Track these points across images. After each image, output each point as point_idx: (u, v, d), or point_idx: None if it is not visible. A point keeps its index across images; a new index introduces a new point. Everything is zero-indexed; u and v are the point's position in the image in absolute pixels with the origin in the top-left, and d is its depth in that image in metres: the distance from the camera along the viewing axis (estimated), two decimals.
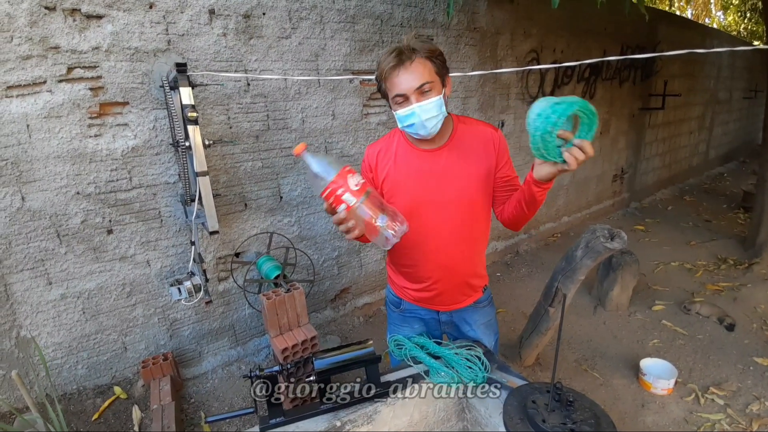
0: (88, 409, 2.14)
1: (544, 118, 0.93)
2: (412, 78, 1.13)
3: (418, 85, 1.14)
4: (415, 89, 1.14)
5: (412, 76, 1.13)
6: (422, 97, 1.15)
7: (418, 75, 1.13)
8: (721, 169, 8.35)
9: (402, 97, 1.16)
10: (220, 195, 2.37)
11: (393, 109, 1.22)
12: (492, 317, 1.54)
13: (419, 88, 1.14)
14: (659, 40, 5.30)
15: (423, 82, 1.14)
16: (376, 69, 1.20)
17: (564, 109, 0.92)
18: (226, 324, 2.62)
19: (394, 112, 1.21)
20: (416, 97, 1.15)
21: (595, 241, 2.02)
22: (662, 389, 2.37)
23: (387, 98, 1.23)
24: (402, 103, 1.18)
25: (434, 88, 1.16)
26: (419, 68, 1.14)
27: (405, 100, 1.16)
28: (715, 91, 7.44)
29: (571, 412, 1.03)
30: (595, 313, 3.22)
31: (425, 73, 1.14)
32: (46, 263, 2.01)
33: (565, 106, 0.92)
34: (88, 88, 1.92)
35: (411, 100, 1.15)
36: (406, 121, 1.19)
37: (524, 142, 4.06)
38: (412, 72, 1.13)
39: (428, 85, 1.15)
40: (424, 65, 1.14)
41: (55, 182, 1.94)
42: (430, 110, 1.16)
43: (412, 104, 1.16)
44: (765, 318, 3.05)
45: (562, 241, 4.65)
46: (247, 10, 2.25)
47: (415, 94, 1.15)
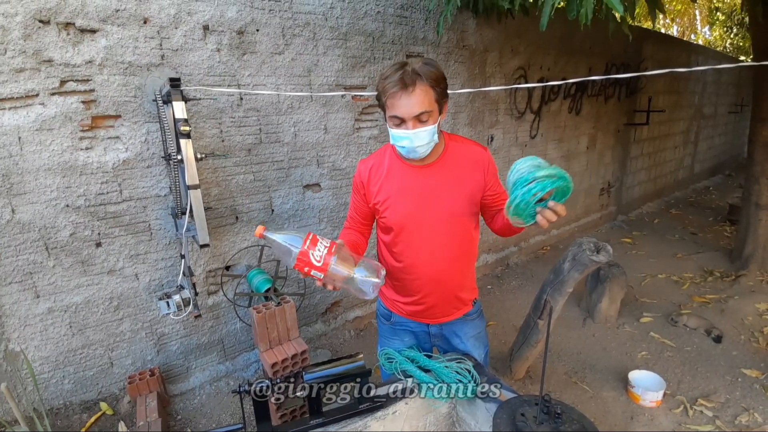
0: (74, 425, 2.10)
1: (526, 190, 0.98)
2: (412, 105, 1.16)
3: (417, 113, 1.16)
4: (413, 116, 1.17)
5: (411, 102, 1.16)
6: (419, 125, 1.18)
7: (419, 103, 1.16)
8: (706, 182, 8.52)
9: (399, 120, 1.19)
10: (212, 208, 2.37)
11: (388, 124, 1.25)
12: (482, 330, 1.55)
13: (417, 116, 1.17)
14: (644, 57, 5.45)
15: (422, 111, 1.16)
16: (378, 82, 1.22)
17: (545, 185, 0.97)
18: (215, 338, 2.59)
19: (389, 128, 1.24)
20: (413, 123, 1.18)
21: (582, 254, 2.05)
22: (651, 401, 2.39)
23: (384, 111, 1.25)
24: (399, 125, 1.20)
25: (432, 116, 1.19)
26: (420, 96, 1.16)
27: (402, 123, 1.19)
28: (700, 107, 7.63)
29: (560, 425, 1.05)
30: (584, 325, 3.25)
31: (425, 101, 1.17)
32: (35, 276, 1.99)
33: (546, 182, 0.97)
34: (81, 101, 1.93)
35: (408, 125, 1.18)
36: (399, 141, 1.22)
37: (513, 156, 4.13)
38: (412, 98, 1.15)
39: (426, 114, 1.17)
40: (425, 93, 1.16)
41: (45, 195, 1.93)
42: (423, 138, 1.20)
43: (408, 129, 1.18)
44: (753, 330, 3.09)
45: (551, 253, 4.70)
46: (241, 27, 2.28)
47: (412, 120, 1.17)
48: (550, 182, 0.97)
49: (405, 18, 2.96)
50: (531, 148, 4.29)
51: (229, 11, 2.22)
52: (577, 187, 5.11)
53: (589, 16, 1.72)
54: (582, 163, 5.05)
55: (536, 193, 0.97)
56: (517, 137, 4.11)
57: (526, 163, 1.00)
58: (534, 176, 0.97)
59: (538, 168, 0.98)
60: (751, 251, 3.98)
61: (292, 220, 2.73)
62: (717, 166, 9.17)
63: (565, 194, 1.02)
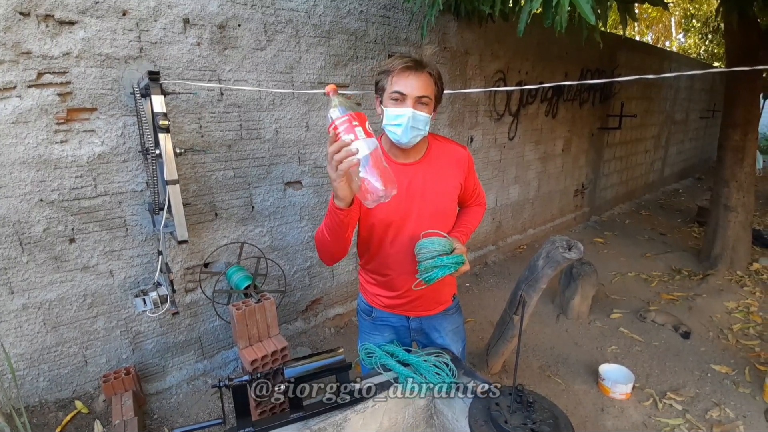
0: (50, 423, 2.05)
1: (428, 277, 1.25)
2: (419, 85, 1.21)
3: (420, 94, 1.21)
4: (416, 96, 1.21)
5: (418, 82, 1.21)
6: (418, 106, 1.22)
7: (424, 85, 1.22)
8: (676, 185, 8.85)
9: (402, 96, 1.21)
10: (190, 204, 2.35)
11: (384, 105, 1.26)
12: (460, 324, 1.59)
13: (420, 98, 1.22)
14: (618, 64, 5.63)
15: (425, 94, 1.22)
16: (385, 64, 1.26)
17: (439, 273, 1.23)
18: (192, 336, 2.56)
19: (385, 108, 1.25)
20: (413, 103, 1.21)
21: (555, 252, 2.12)
22: (620, 394, 2.48)
23: (381, 93, 1.27)
24: (398, 102, 1.22)
25: (430, 104, 1.25)
26: (426, 81, 1.22)
27: (402, 100, 1.21)
28: (672, 112, 7.91)
29: (532, 413, 1.09)
30: (557, 321, 3.35)
31: (429, 87, 1.23)
32: (9, 272, 1.93)
33: (442, 270, 1.23)
34: (57, 94, 1.88)
35: (407, 103, 1.21)
36: (394, 120, 1.23)
37: (492, 157, 4.21)
38: (420, 80, 1.21)
39: (427, 99, 1.23)
40: (430, 81, 1.23)
41: (19, 189, 1.88)
42: (419, 122, 1.23)
43: (407, 107, 1.21)
44: (721, 327, 3.22)
45: (527, 252, 4.81)
46: (222, 21, 2.26)
47: (413, 99, 1.21)
48: (444, 269, 1.24)
49: (388, 18, 2.99)
50: (509, 150, 4.39)
51: (210, 5, 2.21)
52: (553, 188, 5.25)
53: (564, 24, 1.78)
54: (558, 165, 5.18)
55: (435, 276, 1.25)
56: (496, 138, 4.19)
57: (425, 250, 1.26)
58: (435, 263, 1.24)
59: (438, 257, 1.25)
60: (720, 251, 4.15)
61: (273, 217, 2.73)
62: (687, 169, 9.52)
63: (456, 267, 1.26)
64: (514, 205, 4.70)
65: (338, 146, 0.94)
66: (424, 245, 1.26)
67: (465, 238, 1.42)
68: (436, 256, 1.23)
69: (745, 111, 3.85)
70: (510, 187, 4.57)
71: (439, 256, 1.23)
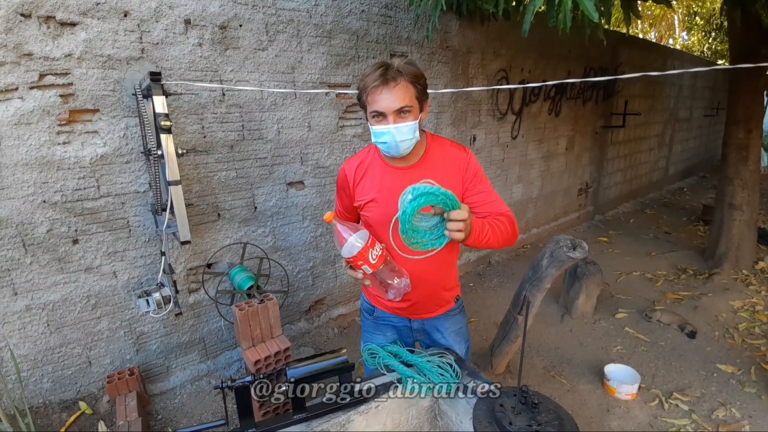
0: (54, 424, 2.06)
1: (403, 215, 1.03)
2: (393, 99, 1.17)
3: (397, 107, 1.18)
4: (394, 110, 1.18)
5: (393, 96, 1.17)
6: (399, 119, 1.19)
7: (400, 97, 1.17)
8: (680, 183, 8.80)
9: (381, 115, 1.20)
10: (193, 205, 2.35)
11: (369, 123, 1.25)
12: (463, 325, 1.58)
13: (398, 110, 1.18)
14: (621, 62, 5.60)
15: (403, 105, 1.18)
16: (360, 80, 1.24)
17: (417, 204, 1.01)
18: (196, 337, 2.56)
19: (370, 126, 1.25)
20: (394, 118, 1.19)
21: (559, 251, 2.11)
22: (626, 394, 2.46)
23: (365, 110, 1.26)
24: (380, 121, 1.21)
25: (412, 111, 1.21)
26: (401, 91, 1.18)
27: (383, 118, 1.20)
28: (675, 110, 7.86)
29: (537, 414, 1.08)
30: (562, 321, 3.33)
31: (406, 96, 1.19)
32: (12, 273, 1.94)
33: (417, 202, 1.01)
34: (59, 95, 1.89)
35: (389, 119, 1.19)
36: (380, 138, 1.23)
37: (495, 156, 4.19)
38: (394, 93, 1.17)
39: (407, 108, 1.19)
40: (406, 89, 1.19)
41: (22, 190, 1.89)
42: (405, 133, 1.21)
43: (389, 124, 1.19)
44: (727, 326, 3.18)
45: (531, 252, 4.79)
46: (224, 22, 2.26)
47: (393, 114, 1.18)
48: (419, 201, 1.01)
49: (389, 17, 2.98)
50: (512, 149, 4.37)
51: (211, 6, 2.20)
52: (557, 187, 5.22)
53: (568, 23, 1.77)
54: (561, 163, 5.16)
55: (411, 214, 1.02)
56: (498, 137, 4.17)
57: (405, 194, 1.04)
58: (404, 202, 1.03)
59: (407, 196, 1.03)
60: (725, 250, 4.11)
61: (276, 218, 2.72)
62: (691, 167, 9.47)
63: (449, 205, 1.05)
64: (517, 204, 4.68)
65: (353, 276, 1.24)
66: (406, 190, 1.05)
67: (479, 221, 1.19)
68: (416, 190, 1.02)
69: (748, 108, 3.82)
70: (513, 187, 4.55)
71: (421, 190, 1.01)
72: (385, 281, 1.25)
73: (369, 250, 1.17)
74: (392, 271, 1.26)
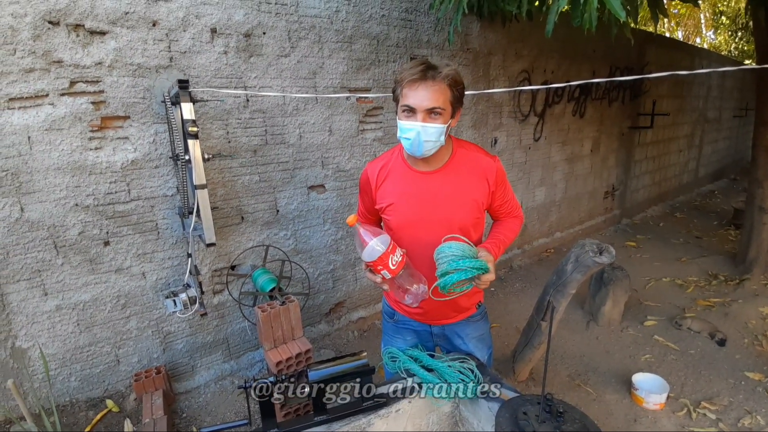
0: (80, 422, 2.12)
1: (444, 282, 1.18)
2: (427, 97, 1.16)
3: (429, 106, 1.16)
4: (425, 108, 1.17)
5: (427, 94, 1.16)
6: (429, 119, 1.18)
7: (434, 97, 1.16)
8: (711, 186, 8.49)
9: (411, 110, 1.19)
10: (218, 208, 2.40)
11: (398, 118, 1.24)
12: (485, 331, 1.56)
13: (429, 110, 1.17)
14: (647, 61, 5.45)
15: (435, 106, 1.17)
16: (398, 73, 1.23)
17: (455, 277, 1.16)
18: (220, 337, 2.61)
19: (398, 120, 1.24)
20: (423, 116, 1.17)
21: (584, 256, 2.06)
22: (654, 404, 2.39)
23: (397, 103, 1.25)
24: (409, 117, 1.20)
25: (443, 115, 1.19)
26: (437, 91, 1.16)
27: (412, 114, 1.19)
28: (704, 111, 7.61)
29: (561, 424, 1.06)
30: (587, 328, 3.25)
31: (441, 98, 1.17)
32: (43, 274, 2.02)
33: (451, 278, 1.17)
34: (90, 102, 1.96)
35: (417, 116, 1.18)
36: (405, 133, 1.21)
37: (516, 159, 4.14)
38: (429, 91, 1.16)
39: (439, 110, 1.18)
40: (442, 90, 1.17)
41: (54, 194, 1.96)
42: (431, 134, 1.19)
43: (417, 121, 1.18)
44: (756, 333, 3.08)
45: (555, 256, 4.70)
46: (248, 30, 2.31)
47: (423, 112, 1.17)
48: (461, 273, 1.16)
49: (409, 21, 2.98)
50: (535, 151, 4.30)
51: (236, 14, 2.25)
52: (581, 190, 5.11)
53: (593, 22, 1.73)
54: (586, 165, 5.05)
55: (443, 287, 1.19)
56: (520, 140, 4.12)
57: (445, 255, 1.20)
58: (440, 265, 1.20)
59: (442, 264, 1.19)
60: (755, 255, 3.97)
61: (297, 221, 2.75)
62: (721, 169, 9.13)
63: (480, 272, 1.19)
64: (540, 207, 4.60)
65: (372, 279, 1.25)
66: (442, 249, 1.21)
67: (497, 249, 1.32)
68: (453, 260, 1.17)
69: None
70: (536, 190, 4.48)
71: (456, 260, 1.17)
72: (404, 286, 1.26)
73: (389, 256, 1.18)
74: (411, 276, 1.27)
